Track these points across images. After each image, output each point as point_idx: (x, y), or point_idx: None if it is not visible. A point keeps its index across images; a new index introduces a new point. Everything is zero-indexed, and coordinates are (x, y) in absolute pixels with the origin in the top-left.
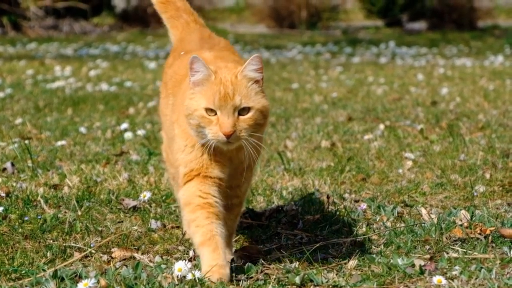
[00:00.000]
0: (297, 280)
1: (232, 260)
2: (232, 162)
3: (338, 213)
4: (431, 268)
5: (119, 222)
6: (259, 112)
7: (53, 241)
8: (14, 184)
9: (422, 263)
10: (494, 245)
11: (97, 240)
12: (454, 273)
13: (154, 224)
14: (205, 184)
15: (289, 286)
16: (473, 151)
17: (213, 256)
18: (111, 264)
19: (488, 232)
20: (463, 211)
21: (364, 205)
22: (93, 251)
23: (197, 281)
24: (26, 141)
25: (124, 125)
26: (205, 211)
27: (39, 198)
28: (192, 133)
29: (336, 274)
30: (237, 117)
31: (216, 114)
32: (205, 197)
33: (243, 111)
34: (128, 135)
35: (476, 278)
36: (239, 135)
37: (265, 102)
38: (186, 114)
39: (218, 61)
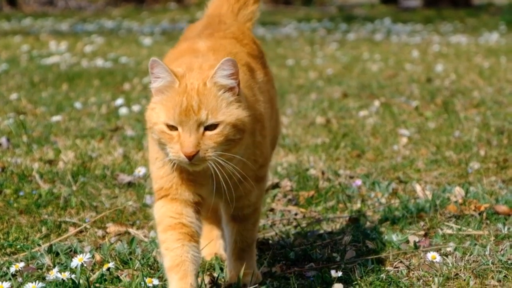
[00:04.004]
0: (292, 255)
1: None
2: (211, 178)
3: (333, 189)
4: (425, 244)
5: (114, 197)
6: (230, 126)
7: (48, 216)
8: (9, 159)
9: (417, 239)
10: (488, 221)
11: (92, 215)
12: (448, 249)
13: (149, 199)
14: (177, 205)
15: (283, 262)
16: (468, 128)
17: (180, 284)
18: (106, 239)
19: (482, 208)
20: (457, 188)
21: (359, 181)
22: (88, 226)
23: None
24: (21, 116)
25: (119, 101)
26: (176, 232)
27: (34, 173)
28: (157, 148)
29: (331, 250)
30: (203, 134)
31: (178, 129)
32: (177, 217)
33: (210, 126)
34: (123, 110)
35: (470, 255)
36: (204, 156)
37: (240, 114)
38: (148, 126)
39: (210, 53)
